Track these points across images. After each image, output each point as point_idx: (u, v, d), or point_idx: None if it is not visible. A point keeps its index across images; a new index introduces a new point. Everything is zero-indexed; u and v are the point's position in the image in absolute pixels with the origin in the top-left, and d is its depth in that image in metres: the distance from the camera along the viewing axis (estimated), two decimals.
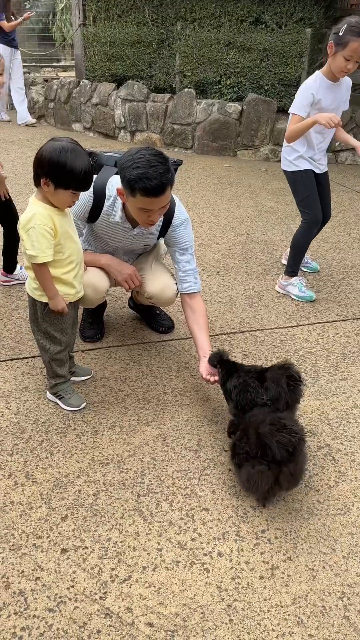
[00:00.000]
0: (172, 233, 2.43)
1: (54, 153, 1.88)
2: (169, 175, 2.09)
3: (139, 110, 7.10)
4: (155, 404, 2.37)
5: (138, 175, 2.04)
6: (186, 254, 2.45)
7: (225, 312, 3.13)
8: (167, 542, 1.75)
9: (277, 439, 1.78)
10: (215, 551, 1.73)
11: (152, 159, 2.06)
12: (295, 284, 3.33)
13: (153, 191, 2.06)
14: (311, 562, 1.71)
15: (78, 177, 1.90)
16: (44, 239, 1.96)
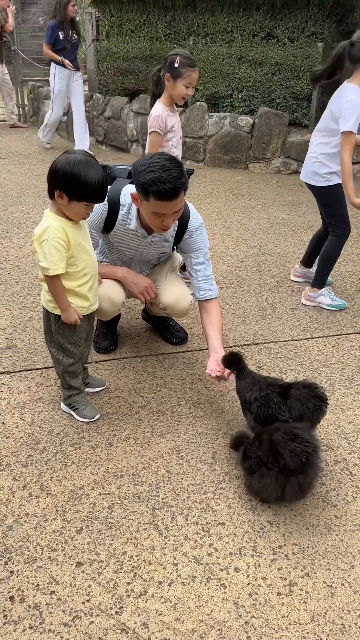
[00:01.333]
0: (188, 239, 2.44)
1: (68, 165, 1.89)
2: (183, 179, 2.10)
3: None
4: (170, 416, 2.35)
5: (152, 179, 2.05)
6: (202, 260, 2.46)
7: (239, 324, 3.12)
8: (182, 556, 1.73)
9: (290, 448, 1.78)
10: (231, 566, 1.70)
11: (166, 163, 2.07)
12: (325, 294, 3.36)
13: (166, 195, 2.07)
14: (329, 578, 1.68)
15: (92, 188, 1.91)
16: (57, 252, 1.96)
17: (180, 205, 2.17)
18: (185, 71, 3.01)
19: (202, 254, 2.46)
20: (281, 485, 1.82)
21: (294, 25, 6.54)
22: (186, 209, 2.38)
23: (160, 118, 3.11)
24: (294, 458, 1.78)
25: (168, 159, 2.10)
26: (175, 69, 3.02)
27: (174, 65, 3.02)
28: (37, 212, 4.85)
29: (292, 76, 6.52)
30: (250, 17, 6.65)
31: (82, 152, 1.98)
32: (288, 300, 3.44)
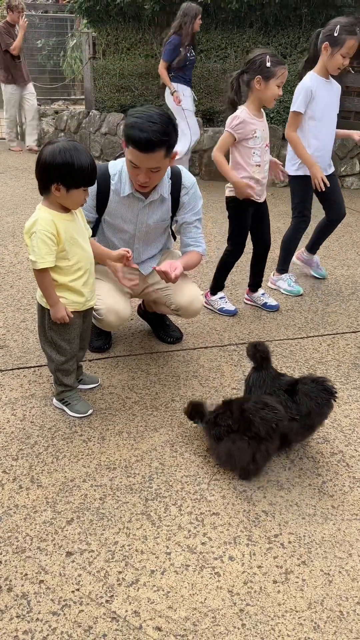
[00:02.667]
0: (184, 197, 2.46)
1: (59, 156, 1.87)
2: (166, 138, 2.08)
3: None
4: (164, 410, 2.32)
5: (133, 122, 2.07)
6: (197, 222, 2.55)
7: (234, 324, 3.10)
8: (176, 545, 1.68)
9: (260, 416, 1.85)
10: (226, 555, 1.66)
11: (155, 115, 2.08)
12: (285, 279, 3.62)
13: (140, 144, 2.06)
14: (327, 566, 1.63)
15: (87, 172, 1.91)
16: (44, 245, 1.94)
17: (158, 164, 2.16)
18: (278, 69, 2.80)
19: (196, 211, 2.52)
20: (252, 452, 1.86)
21: (286, 41, 6.67)
22: (175, 168, 2.42)
23: (238, 118, 2.88)
24: (265, 425, 1.83)
25: (161, 114, 2.09)
26: (267, 69, 2.79)
27: (265, 66, 2.80)
28: None
29: (286, 91, 6.60)
30: (243, 33, 6.78)
31: (65, 139, 1.96)
32: (283, 302, 3.43)
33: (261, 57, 2.80)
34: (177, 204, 2.49)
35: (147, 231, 2.52)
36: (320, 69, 3.25)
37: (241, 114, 2.88)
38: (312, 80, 3.25)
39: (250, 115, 2.89)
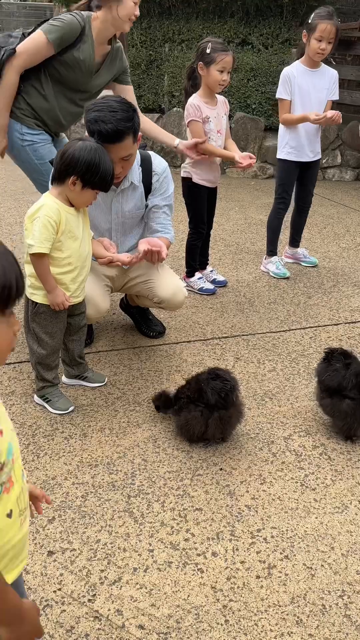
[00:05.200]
0: (156, 184, 2.45)
1: (88, 154, 1.90)
2: (130, 124, 2.06)
3: None
4: (146, 406, 2.30)
5: (95, 117, 2.04)
6: (166, 208, 2.51)
7: (217, 318, 3.09)
8: (158, 542, 1.67)
9: (211, 386, 1.99)
10: (209, 551, 1.65)
11: (114, 104, 2.06)
12: (274, 261, 3.72)
13: (108, 136, 2.04)
14: (309, 560, 1.64)
15: (107, 177, 1.95)
16: (45, 230, 1.95)
17: (128, 151, 2.15)
18: (217, 55, 2.87)
19: (166, 196, 2.50)
20: (205, 420, 1.99)
21: (268, 32, 6.63)
22: (145, 154, 2.40)
23: (194, 106, 2.98)
24: (214, 394, 1.97)
25: (119, 102, 2.08)
26: (207, 54, 2.90)
27: (205, 52, 2.90)
28: (12, 214, 4.79)
29: (268, 81, 6.59)
30: (225, 24, 6.72)
31: (93, 139, 2.00)
32: (265, 295, 3.43)
33: (204, 44, 2.91)
34: (149, 191, 2.47)
35: (124, 221, 2.50)
36: (305, 58, 3.39)
37: (193, 100, 2.99)
38: (293, 67, 3.39)
39: (202, 102, 3.01)
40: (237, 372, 2.56)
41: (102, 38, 2.57)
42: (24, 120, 2.63)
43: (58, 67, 2.56)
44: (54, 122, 2.70)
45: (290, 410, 2.32)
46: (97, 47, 2.57)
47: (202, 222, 3.29)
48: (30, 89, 2.59)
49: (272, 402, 2.36)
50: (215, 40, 2.98)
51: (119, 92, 2.81)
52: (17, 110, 2.60)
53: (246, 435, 2.15)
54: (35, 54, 2.49)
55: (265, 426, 2.21)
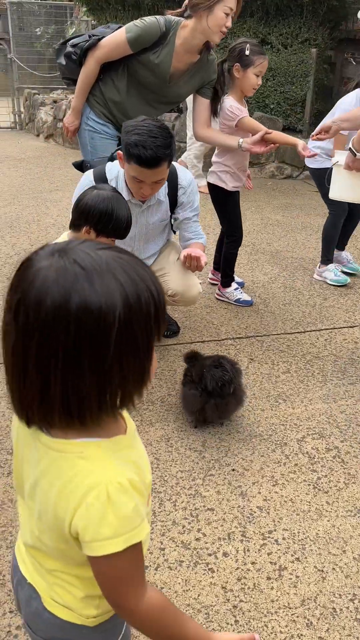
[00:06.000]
0: (183, 197, 2.47)
1: (102, 204, 1.93)
2: (168, 151, 2.09)
3: None
4: (160, 405, 2.31)
5: (135, 141, 2.06)
6: (195, 217, 2.55)
7: (231, 318, 3.09)
8: (170, 541, 1.68)
9: (211, 373, 2.06)
10: (220, 551, 1.66)
11: (155, 129, 2.07)
12: (331, 269, 3.62)
13: (147, 162, 2.07)
14: (320, 563, 1.64)
15: (121, 227, 1.98)
16: None
17: (162, 176, 2.18)
18: (256, 59, 2.79)
19: (194, 207, 2.52)
20: (202, 403, 2.08)
21: (287, 31, 6.60)
22: (172, 168, 2.40)
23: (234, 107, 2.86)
24: (212, 382, 2.05)
25: (159, 126, 2.09)
26: (245, 57, 2.80)
27: (244, 54, 2.79)
28: (30, 212, 4.84)
29: (286, 82, 6.56)
30: (244, 23, 6.70)
31: (110, 188, 2.04)
32: (280, 296, 3.42)
33: (241, 45, 2.82)
34: (175, 203, 2.49)
35: (147, 232, 2.54)
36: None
37: (231, 102, 2.89)
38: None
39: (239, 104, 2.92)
40: (251, 373, 2.56)
41: (188, 46, 2.58)
42: (94, 106, 2.80)
43: (137, 65, 2.64)
44: (122, 116, 2.76)
45: (303, 412, 2.31)
46: (181, 55, 2.60)
47: (239, 229, 3.20)
48: (107, 80, 2.73)
49: (285, 403, 2.36)
50: (252, 42, 2.89)
51: (194, 101, 2.87)
52: (91, 96, 2.79)
53: (259, 436, 2.15)
54: (113, 49, 2.61)
55: (278, 428, 2.21)
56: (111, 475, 0.73)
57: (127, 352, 0.69)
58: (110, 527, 0.72)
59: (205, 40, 2.59)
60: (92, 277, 0.67)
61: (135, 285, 0.69)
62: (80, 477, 0.72)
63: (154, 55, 2.61)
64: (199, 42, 2.59)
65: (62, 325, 0.66)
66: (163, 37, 2.58)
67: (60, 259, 0.68)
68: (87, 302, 0.66)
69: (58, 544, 0.78)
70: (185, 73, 2.72)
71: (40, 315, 0.66)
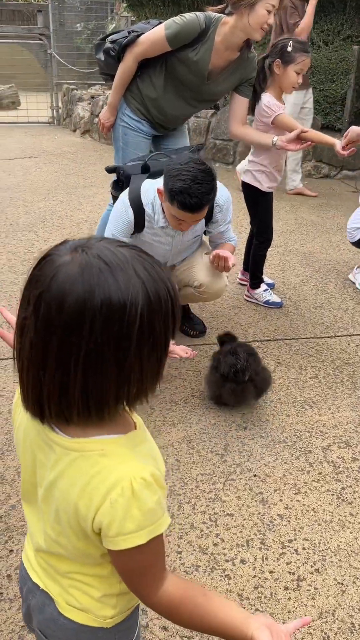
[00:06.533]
0: (219, 214, 2.45)
1: None
2: (211, 195, 2.11)
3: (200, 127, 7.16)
4: (183, 406, 2.30)
5: (180, 188, 2.05)
6: (228, 226, 2.54)
7: (259, 320, 3.05)
8: (187, 545, 1.66)
9: (226, 360, 2.16)
10: (238, 558, 1.63)
11: (199, 175, 2.06)
12: None
13: (190, 208, 2.09)
14: (341, 576, 1.59)
15: None
16: None
17: (202, 215, 2.19)
18: (298, 56, 2.72)
19: (228, 221, 2.51)
20: (219, 387, 2.20)
21: (329, 28, 6.48)
22: None
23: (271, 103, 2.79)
24: (226, 367, 2.15)
25: (203, 171, 2.07)
26: (287, 53, 2.74)
27: (286, 50, 2.74)
28: (63, 208, 4.88)
29: (326, 79, 6.44)
30: None
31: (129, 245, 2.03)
32: (312, 298, 3.35)
33: (284, 41, 2.75)
34: (210, 218, 2.47)
35: (180, 249, 2.54)
36: None
37: (269, 99, 2.83)
38: None
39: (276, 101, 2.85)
40: (278, 377, 2.52)
41: (228, 43, 2.55)
42: (130, 102, 2.79)
43: (175, 63, 2.62)
44: (158, 113, 2.77)
45: (330, 419, 2.26)
46: (221, 52, 2.57)
47: (269, 231, 3.15)
48: (145, 77, 2.72)
49: (312, 410, 2.31)
50: (296, 38, 2.84)
51: (232, 100, 2.83)
52: (128, 92, 2.78)
53: (283, 442, 2.11)
54: (152, 46, 2.59)
55: (303, 435, 2.16)
56: (134, 471, 0.74)
57: (147, 347, 0.70)
58: (135, 521, 0.73)
59: (246, 37, 2.56)
60: (115, 272, 0.68)
61: (155, 282, 0.70)
62: (103, 474, 0.73)
63: (192, 53, 2.58)
64: (239, 40, 2.56)
65: (86, 319, 0.66)
66: (202, 34, 2.55)
67: (83, 254, 0.69)
68: (112, 297, 0.66)
69: (77, 543, 0.78)
70: (225, 70, 2.69)
71: (63, 310, 0.66)
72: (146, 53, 2.63)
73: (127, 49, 2.65)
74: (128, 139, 2.89)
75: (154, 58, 2.66)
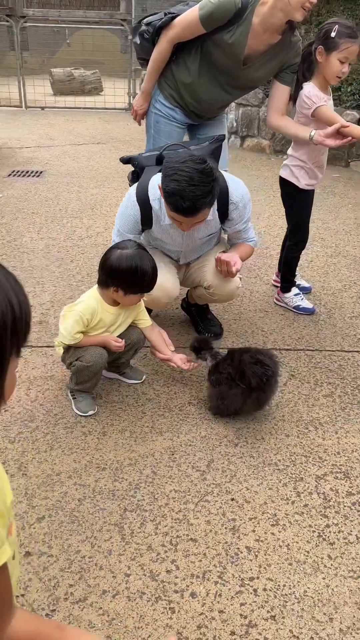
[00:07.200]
0: (234, 212, 2.27)
1: (126, 263, 1.94)
2: (208, 198, 1.95)
3: (252, 116, 6.90)
4: (176, 413, 2.17)
5: (173, 190, 1.93)
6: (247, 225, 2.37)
7: (285, 326, 2.84)
8: (138, 568, 1.55)
9: (252, 370, 1.99)
10: (188, 590, 1.50)
11: (195, 176, 1.91)
12: None
13: (183, 211, 1.96)
14: (298, 628, 1.42)
15: (147, 282, 1.98)
16: (77, 326, 2.02)
17: (202, 218, 2.06)
18: (343, 42, 2.43)
19: (246, 219, 2.33)
20: (244, 399, 2.05)
21: None
22: (222, 182, 2.19)
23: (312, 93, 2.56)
24: (256, 378, 1.99)
25: (200, 172, 1.91)
26: (330, 39, 2.46)
27: (329, 35, 2.46)
28: (115, 196, 4.84)
29: None
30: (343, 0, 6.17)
31: (133, 244, 2.02)
32: (349, 307, 3.09)
33: (329, 25, 2.46)
34: (225, 217, 2.30)
35: (193, 246, 2.40)
36: None
37: (310, 89, 2.58)
38: None
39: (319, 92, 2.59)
40: (287, 392, 2.32)
41: (267, 25, 2.38)
42: (163, 89, 2.68)
43: (210, 46, 2.48)
44: (192, 99, 2.64)
45: (334, 445, 2.05)
46: (259, 35, 2.41)
47: (304, 232, 2.90)
48: (180, 61, 2.60)
49: (316, 432, 2.11)
50: (344, 22, 2.52)
51: (272, 88, 2.64)
52: (162, 77, 2.67)
53: (274, 465, 1.93)
54: (185, 28, 2.46)
55: (299, 459, 1.97)
56: None
57: None
58: None
59: (287, 18, 2.35)
60: None
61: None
62: None
63: (228, 35, 2.41)
64: (279, 21, 2.36)
65: None
66: (239, 14, 2.37)
67: None
68: None
69: None
70: (264, 55, 2.49)
71: None
72: (180, 36, 2.49)
73: (162, 32, 2.52)
74: (160, 127, 2.77)
75: (189, 41, 2.52)
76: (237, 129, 7.17)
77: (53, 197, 4.80)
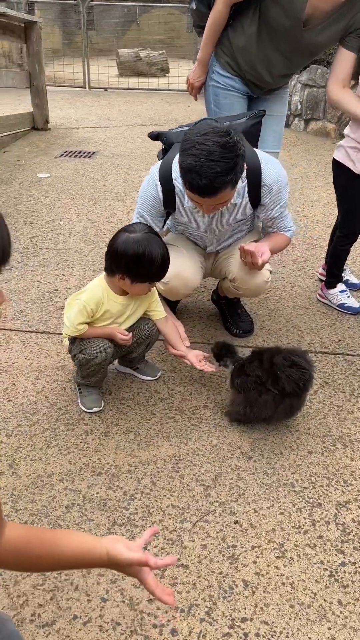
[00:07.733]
0: (267, 196, 2.02)
1: (132, 248, 1.76)
2: (230, 177, 1.70)
3: (317, 98, 6.49)
4: (188, 416, 1.97)
5: (189, 166, 1.69)
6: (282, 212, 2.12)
7: (325, 326, 2.57)
8: (117, 593, 1.38)
9: (287, 374, 1.78)
10: (169, 626, 1.31)
11: (215, 150, 1.65)
12: None
13: (199, 190, 1.72)
14: None
15: (155, 270, 1.80)
16: (80, 316, 1.87)
17: (223, 200, 1.80)
18: None
19: (282, 205, 2.08)
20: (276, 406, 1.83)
21: None
22: (253, 163, 1.95)
23: None
24: (291, 383, 1.78)
25: (222, 145, 1.65)
26: None
27: None
28: None
29: None
30: None
31: (142, 228, 1.82)
32: None
33: None
34: (257, 201, 2.05)
35: (221, 232, 2.16)
36: None
37: None
38: None
39: None
40: (316, 401, 2.07)
41: None
42: (220, 57, 2.45)
43: (269, 4, 2.22)
44: (249, 68, 2.40)
45: None
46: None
47: (357, 222, 2.58)
48: (237, 25, 2.36)
49: (344, 450, 1.85)
50: None
51: (336, 54, 2.37)
52: (219, 45, 2.45)
53: (289, 486, 1.70)
54: None
55: (319, 481, 1.73)
56: None
57: None
58: None
59: None
60: None
61: None
62: None
63: None
64: None
65: None
66: None
67: None
68: None
69: None
70: (328, 16, 2.20)
71: None
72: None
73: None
74: (219, 100, 2.51)
75: (247, 2, 2.25)
76: (302, 111, 6.78)
77: (100, 178, 4.68)
